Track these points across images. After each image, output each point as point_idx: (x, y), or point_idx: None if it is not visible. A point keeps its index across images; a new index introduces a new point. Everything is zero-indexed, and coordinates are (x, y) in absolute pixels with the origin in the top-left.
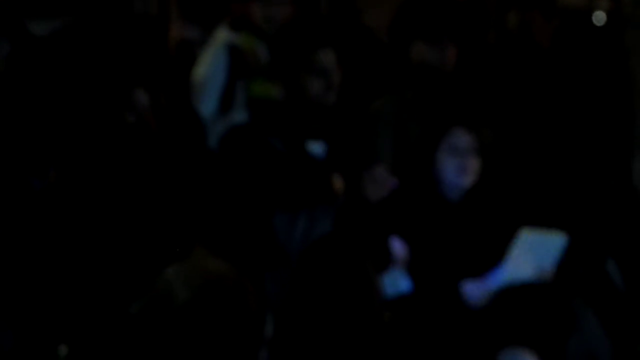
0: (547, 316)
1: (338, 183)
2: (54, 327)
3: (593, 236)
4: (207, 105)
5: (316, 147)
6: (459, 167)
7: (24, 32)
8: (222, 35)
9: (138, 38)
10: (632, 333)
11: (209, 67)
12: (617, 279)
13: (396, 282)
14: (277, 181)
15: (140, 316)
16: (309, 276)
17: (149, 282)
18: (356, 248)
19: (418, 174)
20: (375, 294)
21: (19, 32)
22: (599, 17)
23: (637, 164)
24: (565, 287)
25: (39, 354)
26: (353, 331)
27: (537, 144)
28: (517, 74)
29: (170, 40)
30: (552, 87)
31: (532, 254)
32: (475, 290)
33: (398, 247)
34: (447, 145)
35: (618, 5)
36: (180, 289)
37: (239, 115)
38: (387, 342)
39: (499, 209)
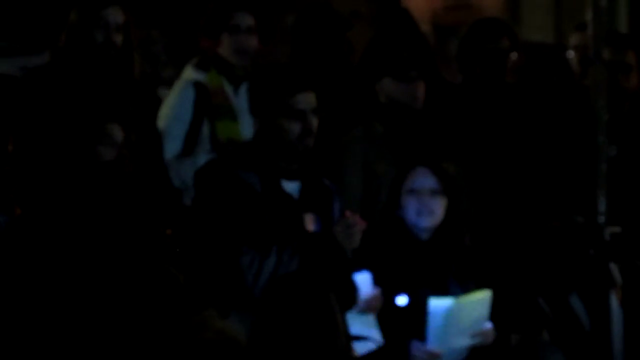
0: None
1: (310, 224)
2: None
3: (558, 273)
4: (173, 143)
5: (291, 187)
6: (418, 209)
7: None
8: (188, 75)
9: (109, 73)
10: None
11: (175, 105)
12: (582, 315)
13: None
14: (249, 219)
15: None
16: (274, 311)
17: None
18: (321, 285)
19: (386, 214)
20: (339, 330)
21: None
22: (569, 55)
23: (601, 200)
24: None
25: None
26: None
27: (503, 179)
28: (484, 109)
29: (135, 76)
30: (518, 122)
31: (463, 320)
32: (420, 349)
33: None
34: (408, 186)
35: (585, 43)
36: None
37: (204, 155)
38: None
39: (467, 246)
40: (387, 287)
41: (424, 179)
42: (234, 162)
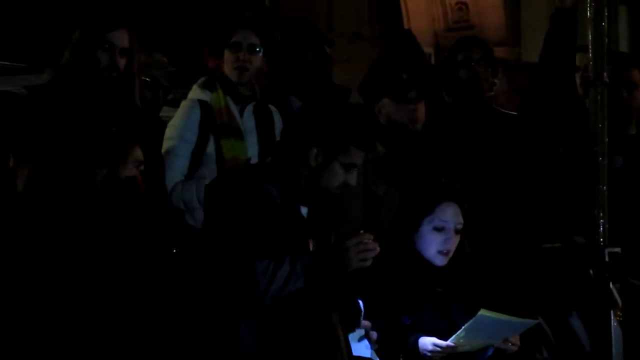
0: None
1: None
2: None
3: (558, 292)
4: (180, 162)
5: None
6: (440, 248)
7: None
8: (194, 94)
9: (110, 96)
10: None
11: (181, 125)
12: (582, 334)
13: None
14: (268, 226)
15: None
16: (278, 329)
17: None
18: (325, 305)
19: (400, 237)
20: (342, 350)
21: None
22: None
23: (601, 221)
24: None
25: None
26: None
27: (504, 201)
28: (468, 126)
29: (135, 101)
30: (511, 140)
31: (487, 331)
32: (430, 346)
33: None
34: (437, 223)
35: (586, 65)
36: None
37: (209, 172)
38: None
39: (474, 271)
40: (391, 306)
41: (454, 218)
42: (257, 175)
